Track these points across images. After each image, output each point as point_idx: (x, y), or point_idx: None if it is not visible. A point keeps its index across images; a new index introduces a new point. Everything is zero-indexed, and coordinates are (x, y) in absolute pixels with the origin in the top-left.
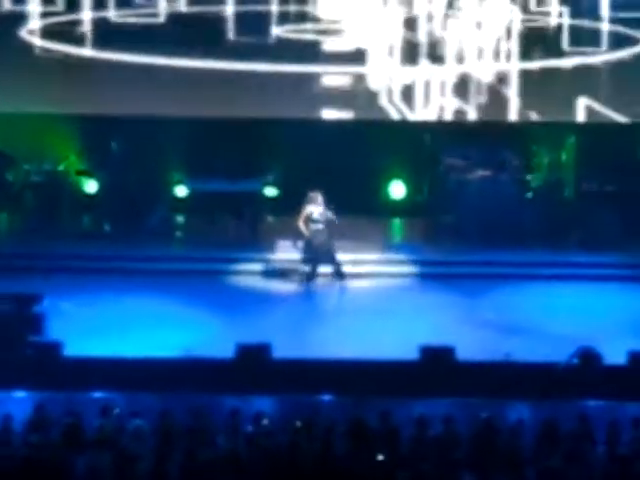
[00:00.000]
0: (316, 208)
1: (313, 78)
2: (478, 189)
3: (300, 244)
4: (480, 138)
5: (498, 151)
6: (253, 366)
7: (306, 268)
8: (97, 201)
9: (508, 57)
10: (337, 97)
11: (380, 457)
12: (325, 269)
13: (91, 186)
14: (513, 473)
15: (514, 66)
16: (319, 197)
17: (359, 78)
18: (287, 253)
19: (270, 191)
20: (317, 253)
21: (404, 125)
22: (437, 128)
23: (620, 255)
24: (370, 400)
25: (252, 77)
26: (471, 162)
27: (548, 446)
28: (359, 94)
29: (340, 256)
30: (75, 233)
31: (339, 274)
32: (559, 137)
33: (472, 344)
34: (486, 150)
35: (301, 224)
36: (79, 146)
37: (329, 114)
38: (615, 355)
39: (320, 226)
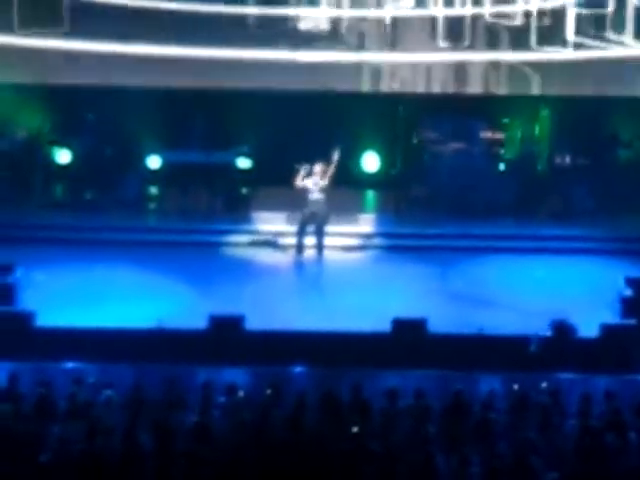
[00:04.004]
0: (316, 177)
1: None
2: (451, 162)
3: (302, 215)
4: (454, 111)
5: (472, 124)
6: (226, 337)
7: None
8: (70, 171)
9: None
10: None
11: (354, 429)
12: (310, 240)
13: (64, 156)
14: (485, 445)
15: None
16: (318, 167)
17: None
18: (267, 225)
19: (243, 163)
20: (308, 224)
21: (377, 97)
22: (411, 100)
23: (591, 228)
24: (342, 372)
25: None
26: (445, 135)
27: (520, 419)
28: None
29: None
30: (48, 203)
31: (320, 246)
32: (533, 110)
33: (444, 317)
34: (460, 123)
35: (299, 182)
36: (53, 116)
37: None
38: (587, 328)
39: (318, 195)
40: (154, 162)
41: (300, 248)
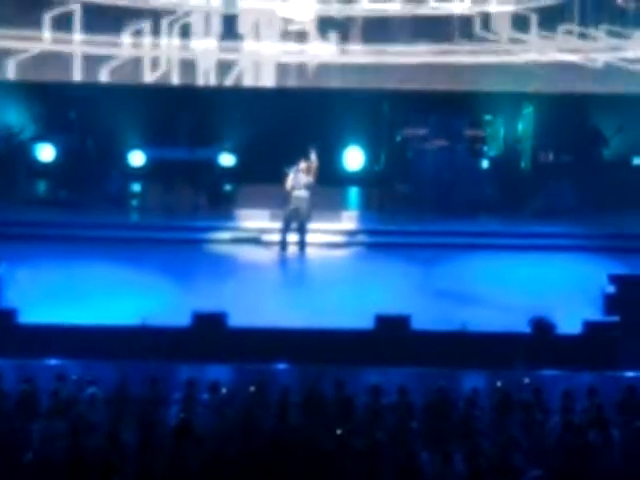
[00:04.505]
0: (302, 174)
1: None
2: (435, 159)
3: (286, 212)
4: (437, 108)
5: (455, 121)
6: (209, 334)
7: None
8: (53, 168)
9: None
10: None
11: (338, 431)
12: (293, 237)
13: (47, 153)
14: (468, 442)
15: None
16: (303, 163)
17: None
18: (251, 221)
19: (226, 159)
20: (292, 221)
21: (361, 94)
22: (395, 97)
23: (574, 225)
24: (325, 369)
25: None
26: (428, 132)
27: (503, 416)
28: None
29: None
30: (31, 200)
31: (302, 243)
32: (516, 107)
33: (427, 313)
34: (443, 120)
35: (289, 184)
36: (36, 113)
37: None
38: (570, 325)
39: (301, 192)
40: (137, 159)
41: (284, 245)
